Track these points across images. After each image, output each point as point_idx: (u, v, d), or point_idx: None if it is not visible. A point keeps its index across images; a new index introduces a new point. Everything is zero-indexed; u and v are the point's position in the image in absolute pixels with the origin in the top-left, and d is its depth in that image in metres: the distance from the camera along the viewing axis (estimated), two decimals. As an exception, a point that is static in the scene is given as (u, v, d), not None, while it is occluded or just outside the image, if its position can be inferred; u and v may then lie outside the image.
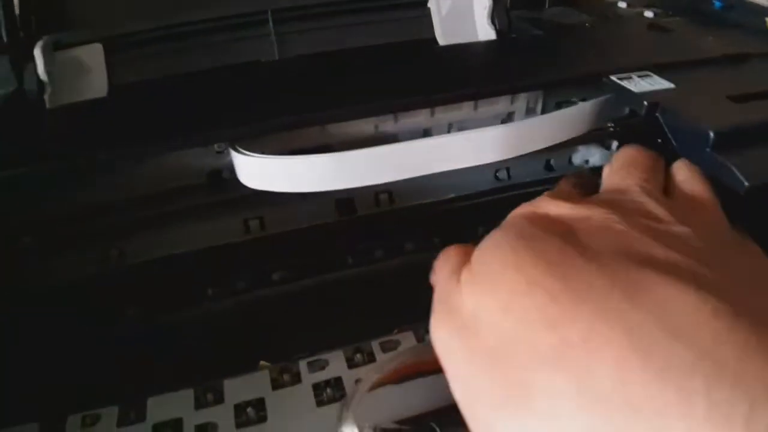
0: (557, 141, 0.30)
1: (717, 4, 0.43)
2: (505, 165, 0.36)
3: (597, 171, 0.26)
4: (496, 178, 0.37)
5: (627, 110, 0.33)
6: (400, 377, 0.24)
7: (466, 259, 0.21)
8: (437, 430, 0.22)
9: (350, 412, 0.21)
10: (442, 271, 0.22)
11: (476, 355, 0.18)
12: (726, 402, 0.13)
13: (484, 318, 0.18)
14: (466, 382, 0.18)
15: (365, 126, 0.31)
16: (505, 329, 0.18)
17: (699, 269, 0.17)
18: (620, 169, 0.24)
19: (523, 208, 0.22)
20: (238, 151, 0.28)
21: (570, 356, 0.16)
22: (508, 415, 0.17)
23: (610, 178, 0.24)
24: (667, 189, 0.23)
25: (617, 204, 0.20)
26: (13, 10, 0.35)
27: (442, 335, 0.20)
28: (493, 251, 0.20)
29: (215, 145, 0.30)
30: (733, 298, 0.16)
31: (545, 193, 0.23)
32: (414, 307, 0.29)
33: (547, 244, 0.19)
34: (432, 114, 0.32)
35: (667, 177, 0.24)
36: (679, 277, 0.16)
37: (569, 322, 0.16)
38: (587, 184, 0.25)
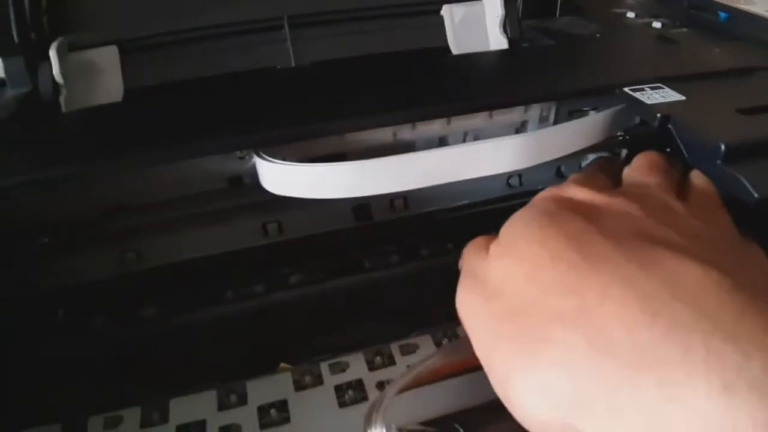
0: (573, 150, 0.30)
1: (722, 15, 0.44)
2: (517, 172, 0.37)
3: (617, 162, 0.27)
4: (509, 184, 0.37)
5: (637, 120, 0.34)
6: (426, 380, 0.25)
7: (491, 242, 0.23)
8: (461, 430, 0.22)
9: (379, 413, 0.22)
10: (470, 252, 0.24)
11: (498, 316, 0.20)
12: (722, 352, 0.15)
13: (509, 286, 0.20)
14: (488, 339, 0.20)
15: (383, 134, 0.32)
16: (527, 295, 0.19)
17: (707, 252, 0.19)
18: (640, 168, 0.26)
19: (550, 191, 0.24)
20: (263, 158, 0.28)
21: (585, 316, 0.18)
22: (524, 364, 0.18)
23: (630, 177, 0.25)
24: (680, 194, 0.24)
25: (637, 196, 0.22)
26: (24, 11, 0.35)
27: (468, 301, 0.22)
28: (521, 227, 0.22)
29: (237, 152, 0.31)
30: (735, 278, 0.17)
31: (570, 177, 0.25)
32: (430, 312, 0.30)
33: (569, 222, 0.21)
34: (448, 122, 0.33)
35: (681, 184, 0.25)
36: (689, 255, 0.18)
37: (586, 289, 0.18)
38: (612, 172, 0.27)
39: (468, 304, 0.22)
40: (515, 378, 0.19)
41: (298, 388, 0.27)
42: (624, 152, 0.37)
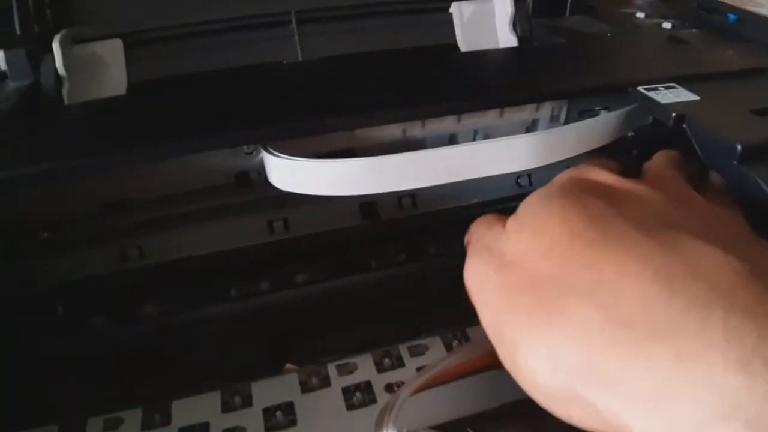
0: (585, 150, 0.30)
1: (731, 17, 0.44)
2: (527, 172, 0.36)
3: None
4: (518, 184, 0.37)
5: (650, 119, 0.33)
6: (438, 382, 0.24)
7: (502, 219, 0.23)
8: (474, 435, 0.22)
9: (391, 416, 0.21)
10: (480, 227, 0.24)
11: (512, 286, 0.20)
12: (740, 329, 0.15)
13: (526, 259, 0.20)
14: (499, 307, 0.20)
15: (392, 131, 0.32)
16: (544, 268, 0.20)
17: (726, 242, 0.19)
18: (660, 164, 0.26)
19: (571, 172, 0.24)
20: (271, 153, 0.27)
21: (602, 289, 0.18)
22: (535, 332, 0.18)
23: (650, 170, 0.25)
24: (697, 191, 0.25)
25: (657, 186, 0.22)
26: (27, 3, 0.34)
27: (480, 270, 0.22)
28: (541, 204, 0.22)
29: (244, 147, 0.30)
30: (752, 267, 0.17)
31: (589, 161, 0.25)
32: (440, 312, 0.30)
33: (590, 202, 0.21)
34: (459, 120, 0.33)
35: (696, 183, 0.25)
36: (708, 240, 0.18)
37: (604, 263, 0.18)
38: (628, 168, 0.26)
39: (479, 273, 0.22)
40: (526, 344, 0.19)
41: (305, 390, 0.27)
42: (635, 153, 0.37)
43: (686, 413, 0.15)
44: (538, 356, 0.18)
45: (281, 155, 0.27)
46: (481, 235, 0.23)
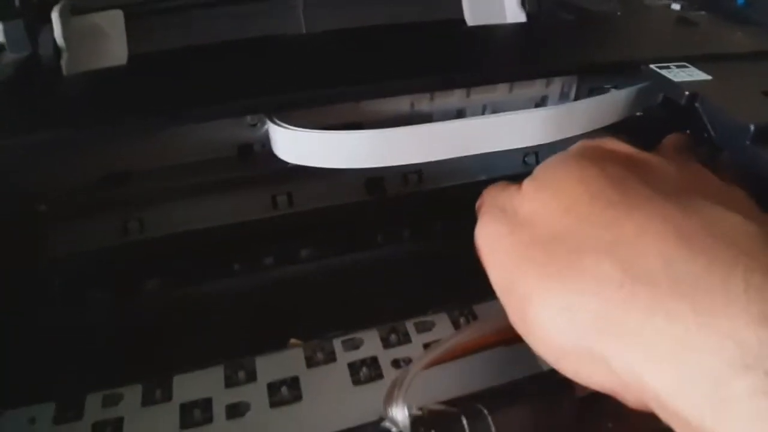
0: (595, 126, 0.29)
1: (740, 0, 0.44)
2: (535, 149, 0.36)
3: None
4: (525, 162, 0.36)
5: (660, 98, 0.33)
6: (448, 359, 0.24)
7: (518, 183, 0.23)
8: (484, 411, 0.21)
9: (401, 391, 0.21)
10: (494, 190, 0.24)
11: (526, 243, 0.20)
12: (762, 286, 0.15)
13: (542, 217, 0.20)
14: (510, 264, 0.20)
15: (400, 104, 0.31)
16: (562, 225, 0.19)
17: (742, 210, 0.19)
18: (671, 146, 0.26)
19: (586, 142, 0.24)
20: (277, 124, 0.27)
21: (621, 246, 0.18)
22: (548, 285, 0.18)
23: (663, 148, 0.26)
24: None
25: (674, 161, 0.22)
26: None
27: (492, 230, 0.22)
28: (559, 166, 0.22)
29: (248, 118, 0.29)
30: None
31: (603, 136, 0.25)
32: (448, 289, 0.30)
33: (612, 167, 0.21)
34: (467, 95, 0.32)
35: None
36: (726, 206, 0.19)
37: (625, 221, 0.18)
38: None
39: (491, 233, 0.22)
40: (537, 297, 0.18)
41: (310, 365, 0.26)
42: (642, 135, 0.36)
43: (706, 365, 0.15)
44: (551, 310, 0.18)
45: (287, 126, 0.26)
46: (494, 197, 0.23)
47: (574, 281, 0.18)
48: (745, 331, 0.15)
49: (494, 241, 0.21)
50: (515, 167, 0.36)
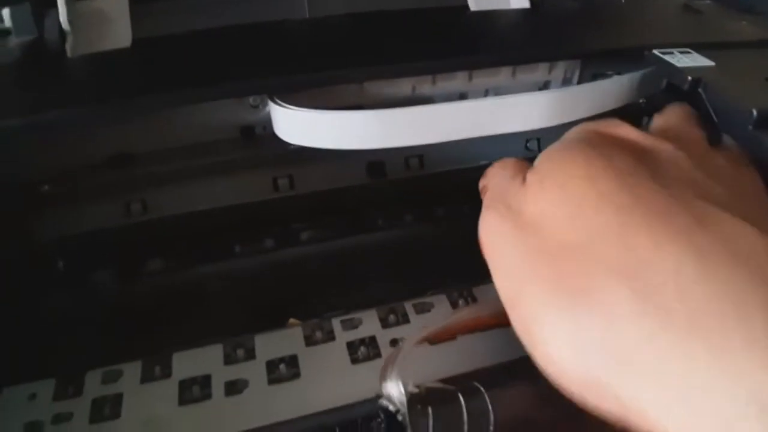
0: (598, 111, 0.29)
1: (745, -11, 0.43)
2: (538, 134, 0.36)
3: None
4: (527, 148, 0.36)
5: (664, 84, 0.33)
6: (444, 337, 0.24)
7: (525, 166, 0.21)
8: (481, 389, 0.22)
9: (395, 367, 0.21)
10: (498, 173, 0.22)
11: (533, 253, 0.19)
12: None
13: (549, 223, 0.19)
14: (518, 273, 0.19)
15: (402, 87, 0.31)
16: (570, 236, 0.18)
17: (755, 212, 0.18)
18: (676, 117, 0.24)
19: (591, 125, 0.22)
20: (278, 104, 0.27)
21: (633, 267, 0.16)
22: (560, 309, 0.17)
23: (666, 123, 0.24)
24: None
25: (678, 144, 0.21)
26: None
27: (496, 231, 0.20)
28: (564, 157, 0.20)
29: (250, 99, 0.30)
30: None
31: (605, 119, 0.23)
32: (446, 272, 0.30)
33: (620, 160, 0.19)
34: (470, 78, 0.32)
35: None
36: (743, 217, 0.17)
37: (636, 235, 0.17)
38: None
39: (495, 230, 0.20)
40: (545, 317, 0.17)
41: (309, 344, 0.26)
42: (645, 119, 0.36)
43: (719, 407, 0.14)
44: (559, 339, 0.17)
45: (288, 106, 0.26)
46: (497, 185, 0.22)
47: (585, 309, 0.17)
48: (761, 374, 0.14)
49: (497, 240, 0.20)
50: (517, 153, 0.36)
